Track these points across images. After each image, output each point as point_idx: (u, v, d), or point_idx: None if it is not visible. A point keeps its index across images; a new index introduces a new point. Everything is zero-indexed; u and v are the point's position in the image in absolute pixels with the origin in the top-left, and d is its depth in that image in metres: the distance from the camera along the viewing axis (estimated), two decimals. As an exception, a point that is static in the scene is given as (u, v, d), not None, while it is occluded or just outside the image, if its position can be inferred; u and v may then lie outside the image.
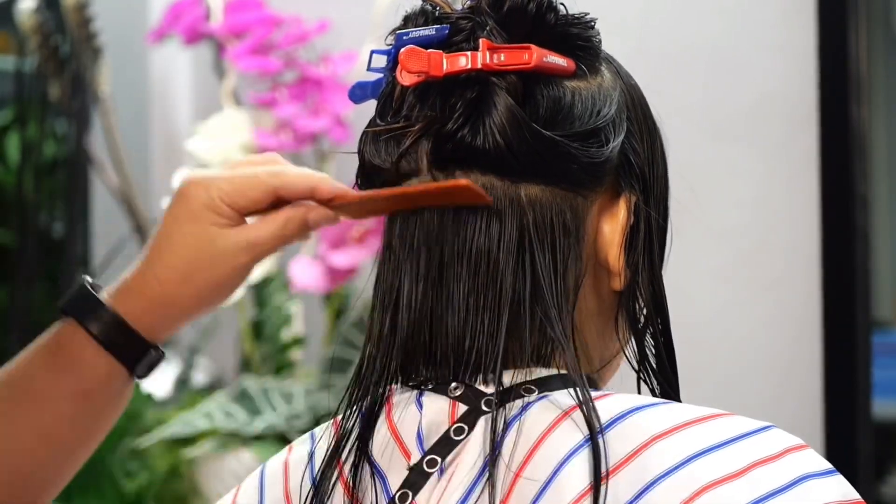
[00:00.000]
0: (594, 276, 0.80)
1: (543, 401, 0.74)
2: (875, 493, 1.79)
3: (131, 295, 0.83)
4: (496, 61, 0.75)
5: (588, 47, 0.80)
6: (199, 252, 0.82)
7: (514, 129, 0.75)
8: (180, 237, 0.82)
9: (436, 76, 0.75)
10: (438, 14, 0.79)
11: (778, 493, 0.66)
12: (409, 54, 0.75)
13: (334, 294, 1.85)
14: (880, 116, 2.01)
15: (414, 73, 0.75)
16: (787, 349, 1.64)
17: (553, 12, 0.78)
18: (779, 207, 1.66)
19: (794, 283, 1.64)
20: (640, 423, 0.71)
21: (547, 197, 0.76)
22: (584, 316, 0.79)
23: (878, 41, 1.99)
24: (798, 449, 0.69)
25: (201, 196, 0.81)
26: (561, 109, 0.77)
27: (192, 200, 0.82)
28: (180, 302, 0.83)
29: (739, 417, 0.71)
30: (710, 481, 0.67)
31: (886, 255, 2.06)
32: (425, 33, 0.77)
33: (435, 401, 0.76)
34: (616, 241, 0.79)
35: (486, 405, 0.75)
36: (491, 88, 0.75)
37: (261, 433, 1.75)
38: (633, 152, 0.81)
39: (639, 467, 0.69)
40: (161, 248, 0.83)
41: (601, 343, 0.81)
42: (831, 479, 0.68)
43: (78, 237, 2.32)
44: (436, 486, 0.73)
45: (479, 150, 0.75)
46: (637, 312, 0.81)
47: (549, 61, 0.76)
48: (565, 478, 0.69)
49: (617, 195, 0.80)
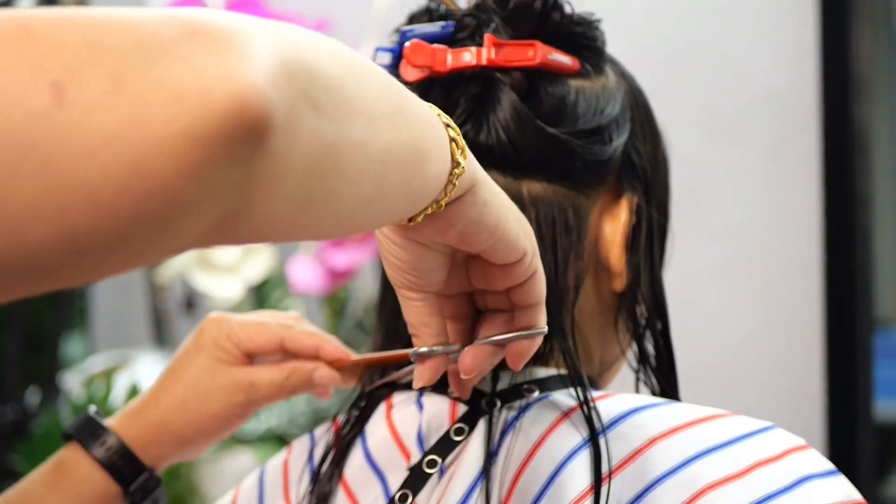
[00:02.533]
0: (595, 276, 0.79)
1: (544, 401, 0.74)
2: (876, 493, 1.79)
3: (133, 417, 0.87)
4: (501, 58, 0.75)
5: (593, 46, 0.80)
6: (198, 382, 0.86)
7: (518, 125, 0.75)
8: (186, 365, 0.87)
9: (440, 71, 0.75)
10: (443, 11, 0.79)
11: (780, 494, 0.66)
12: (413, 49, 0.75)
13: (334, 295, 1.84)
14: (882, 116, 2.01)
15: (418, 67, 0.75)
16: (788, 349, 1.64)
17: (558, 11, 0.78)
18: (779, 207, 1.66)
19: (794, 283, 1.64)
20: (641, 423, 0.70)
21: (549, 194, 0.76)
22: (585, 316, 0.79)
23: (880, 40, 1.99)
24: (800, 449, 0.69)
25: (213, 331, 0.87)
26: (565, 107, 0.77)
27: (204, 334, 0.87)
28: (173, 428, 0.86)
29: (741, 417, 0.71)
30: (712, 482, 0.67)
31: (887, 254, 2.06)
32: (430, 30, 0.77)
33: (435, 401, 0.76)
34: (617, 241, 0.79)
35: (487, 405, 0.74)
36: (495, 84, 0.75)
37: (260, 434, 1.75)
38: (635, 153, 0.81)
39: (640, 467, 0.68)
40: (168, 374, 0.87)
41: (602, 343, 0.81)
42: (833, 479, 0.68)
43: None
44: (436, 486, 0.73)
45: (482, 145, 0.75)
46: (637, 313, 0.80)
47: (553, 59, 0.76)
48: (566, 478, 0.69)
49: (619, 196, 0.80)
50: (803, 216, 1.63)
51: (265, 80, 0.44)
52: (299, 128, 0.46)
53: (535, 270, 0.68)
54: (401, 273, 0.67)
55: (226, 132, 0.42)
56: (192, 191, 0.42)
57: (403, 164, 0.56)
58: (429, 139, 0.58)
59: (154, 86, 0.41)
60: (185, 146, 0.41)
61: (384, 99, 0.54)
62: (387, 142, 0.53)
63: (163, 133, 0.41)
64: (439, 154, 0.59)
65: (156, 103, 0.41)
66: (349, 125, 0.50)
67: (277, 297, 1.90)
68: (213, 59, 0.43)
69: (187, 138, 0.41)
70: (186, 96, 0.42)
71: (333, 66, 0.49)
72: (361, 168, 0.52)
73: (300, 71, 0.47)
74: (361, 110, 0.51)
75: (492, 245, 0.65)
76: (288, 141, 0.46)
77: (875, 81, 1.69)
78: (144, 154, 0.41)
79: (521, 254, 0.66)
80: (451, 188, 0.60)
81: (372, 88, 0.53)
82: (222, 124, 0.42)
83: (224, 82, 0.42)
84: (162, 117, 0.41)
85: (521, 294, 0.68)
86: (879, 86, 1.96)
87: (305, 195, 0.49)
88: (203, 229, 0.45)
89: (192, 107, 0.42)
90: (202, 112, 0.42)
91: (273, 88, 0.44)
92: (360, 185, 0.52)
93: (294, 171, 0.47)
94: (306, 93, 0.47)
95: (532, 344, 0.70)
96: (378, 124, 0.53)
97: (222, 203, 0.44)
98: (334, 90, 0.49)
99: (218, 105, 0.42)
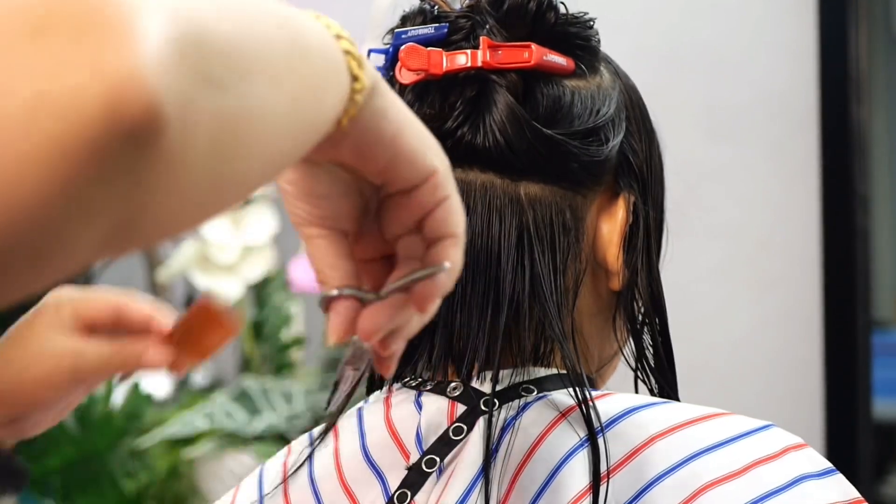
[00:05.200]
0: (593, 276, 0.79)
1: (542, 400, 0.74)
2: (875, 493, 1.80)
3: None
4: (496, 59, 0.75)
5: (587, 47, 0.80)
6: (29, 344, 0.82)
7: (515, 126, 0.75)
8: (22, 329, 0.83)
9: (435, 74, 0.75)
10: (437, 13, 0.79)
11: (778, 492, 0.66)
12: (408, 52, 0.75)
13: (334, 294, 1.84)
14: (880, 116, 2.01)
15: (413, 70, 0.75)
16: (787, 349, 1.64)
17: (553, 11, 0.78)
18: (779, 207, 1.66)
19: (794, 283, 1.64)
20: (639, 422, 0.71)
21: (546, 195, 0.76)
22: (583, 315, 0.79)
23: (879, 41, 1.99)
24: (798, 448, 0.69)
25: (50, 300, 0.83)
26: (561, 108, 0.77)
27: (46, 302, 0.83)
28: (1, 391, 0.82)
29: (739, 416, 0.71)
30: (710, 480, 0.67)
31: (886, 255, 2.06)
32: (424, 32, 0.77)
33: (434, 401, 0.76)
34: (615, 240, 0.79)
35: (485, 405, 0.74)
36: (491, 86, 0.75)
37: (261, 433, 1.75)
38: (631, 152, 0.81)
39: (638, 467, 0.69)
40: (4, 338, 0.84)
41: (600, 343, 0.81)
42: (831, 478, 0.68)
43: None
44: (434, 485, 0.73)
45: (479, 147, 0.75)
46: (636, 312, 0.80)
47: (548, 60, 0.76)
48: (564, 478, 0.69)
49: (615, 195, 0.80)
50: (803, 216, 1.63)
51: (151, 69, 0.37)
52: (195, 114, 0.40)
53: (447, 196, 0.59)
54: (297, 203, 0.60)
55: (102, 140, 0.36)
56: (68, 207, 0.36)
57: (305, 108, 0.49)
58: (328, 65, 0.51)
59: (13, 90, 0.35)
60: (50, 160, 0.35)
61: (278, 45, 0.47)
62: (289, 93, 0.47)
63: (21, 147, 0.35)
64: (337, 77, 0.52)
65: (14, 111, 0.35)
66: (249, 92, 0.44)
67: (277, 297, 1.91)
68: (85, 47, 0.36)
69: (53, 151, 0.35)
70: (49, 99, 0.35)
71: (225, 27, 0.42)
72: (268, 134, 0.46)
73: (192, 45, 0.40)
74: (260, 69, 0.44)
75: (391, 160, 0.57)
76: (182, 132, 0.39)
77: (874, 81, 1.69)
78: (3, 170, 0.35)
79: (429, 170, 0.58)
80: (353, 105, 0.54)
81: (266, 37, 0.46)
82: (96, 131, 0.36)
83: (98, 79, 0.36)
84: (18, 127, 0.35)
85: (432, 223, 0.59)
86: (878, 86, 1.96)
87: (209, 182, 0.43)
88: (95, 242, 0.39)
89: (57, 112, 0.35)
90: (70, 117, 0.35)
91: (160, 74, 0.37)
92: (267, 151, 0.47)
93: (193, 162, 0.41)
94: (200, 69, 0.40)
95: (436, 285, 0.60)
96: (279, 78, 0.46)
97: (110, 214, 0.38)
98: (228, 55, 0.42)
99: (90, 109, 0.36)
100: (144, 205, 0.40)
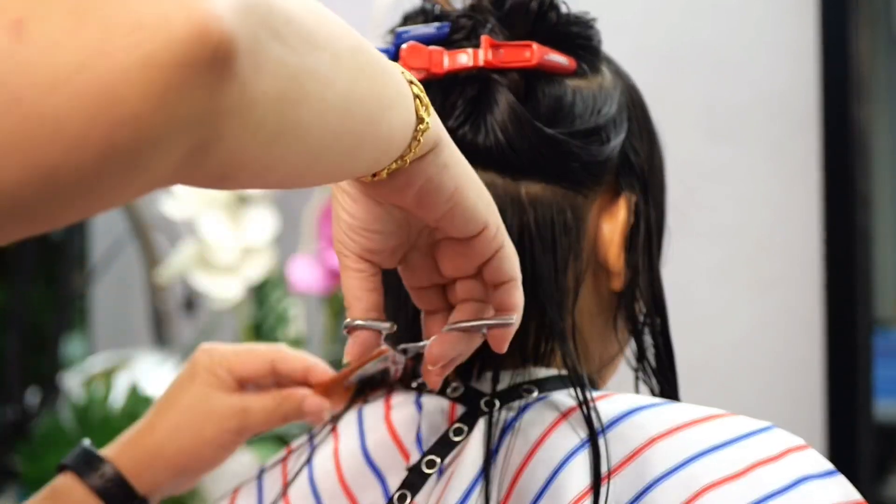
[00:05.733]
0: (594, 276, 0.79)
1: (543, 401, 0.74)
2: (876, 494, 1.79)
3: (128, 446, 0.87)
4: (498, 59, 0.75)
5: (589, 46, 0.80)
6: (192, 409, 0.86)
7: (516, 126, 0.75)
8: (180, 393, 0.87)
9: (437, 73, 0.75)
10: (439, 12, 0.79)
11: (779, 494, 0.66)
12: (410, 51, 0.75)
13: (334, 294, 1.84)
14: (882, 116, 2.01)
15: (415, 69, 0.75)
16: (788, 349, 1.64)
17: (555, 11, 0.78)
18: (779, 207, 1.66)
19: (794, 283, 1.64)
20: (640, 423, 0.70)
21: (547, 195, 0.76)
22: (584, 316, 0.79)
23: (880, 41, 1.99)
24: (799, 449, 0.69)
25: (204, 360, 0.87)
26: (562, 107, 0.77)
27: (196, 363, 0.88)
28: (167, 454, 0.86)
29: (740, 417, 0.71)
30: (711, 482, 0.67)
31: (887, 254, 2.06)
32: (426, 31, 0.77)
33: (434, 401, 0.76)
34: (616, 240, 0.79)
35: (486, 405, 0.74)
36: (492, 86, 0.75)
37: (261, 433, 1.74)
38: (633, 152, 0.81)
39: (639, 468, 0.68)
40: (163, 403, 0.88)
41: (601, 343, 0.81)
42: (832, 479, 0.68)
43: (76, 237, 2.31)
44: (434, 486, 0.73)
45: (480, 147, 0.75)
46: (636, 312, 0.80)
47: (550, 59, 0.76)
48: (565, 479, 0.69)
49: (616, 195, 0.80)
50: (803, 216, 1.63)
51: (224, 7, 0.44)
52: (264, 55, 0.47)
53: (501, 245, 0.67)
54: (350, 233, 0.67)
55: (188, 57, 0.42)
56: (160, 118, 0.42)
57: (368, 108, 0.56)
58: (391, 88, 0.58)
59: (115, 16, 0.41)
60: (149, 73, 0.41)
61: (344, 40, 0.54)
62: (350, 79, 0.53)
63: (126, 61, 0.41)
64: (403, 106, 0.58)
65: (117, 33, 0.41)
66: (313, 58, 0.50)
67: (277, 297, 1.90)
68: None
69: (150, 65, 0.41)
70: (146, 24, 0.41)
71: (291, 3, 0.50)
72: (328, 101, 0.52)
73: (259, 4, 0.46)
74: (323, 46, 0.51)
75: (449, 211, 0.64)
76: (253, 67, 0.46)
77: (875, 81, 1.69)
78: (110, 83, 0.41)
79: (482, 225, 0.66)
80: (416, 144, 0.60)
81: (332, 27, 0.53)
82: (184, 49, 0.42)
83: (185, 9, 0.42)
84: (124, 46, 0.41)
85: (491, 271, 0.68)
86: (879, 86, 1.96)
87: (275, 124, 0.49)
88: (175, 161, 0.45)
89: (153, 34, 0.42)
90: (163, 38, 0.42)
91: (233, 15, 0.44)
92: (327, 118, 0.52)
93: (262, 98, 0.47)
94: (267, 23, 0.47)
95: (509, 329, 0.69)
96: (341, 62, 0.53)
97: (192, 131, 0.44)
98: (294, 24, 0.49)
99: (178, 30, 0.42)
100: (219, 130, 0.46)
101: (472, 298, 0.70)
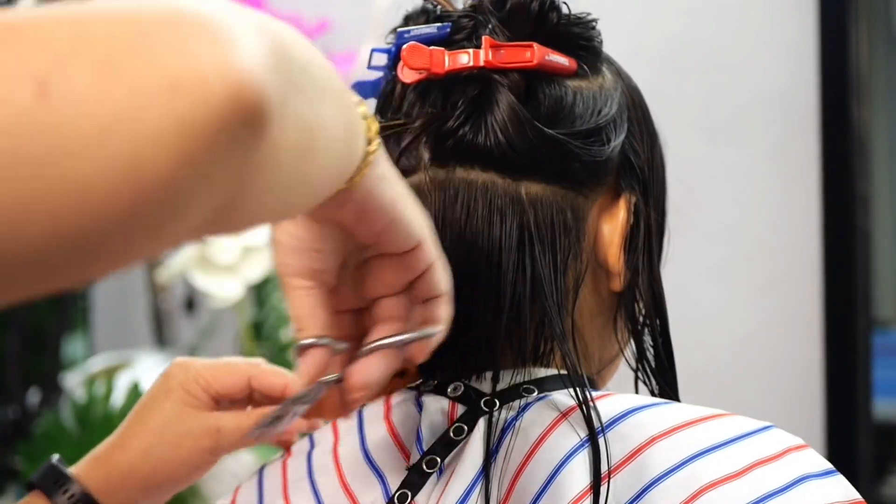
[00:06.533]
0: (594, 277, 0.79)
1: (543, 401, 0.74)
2: (876, 494, 1.80)
3: (99, 463, 0.85)
4: (498, 59, 0.75)
5: (590, 47, 0.80)
6: (165, 427, 0.84)
7: (516, 126, 0.75)
8: (153, 411, 0.84)
9: (437, 73, 0.75)
10: (440, 13, 0.79)
11: (778, 494, 0.66)
12: (411, 51, 0.75)
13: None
14: (881, 116, 2.01)
15: (416, 69, 0.75)
16: (788, 349, 1.64)
17: (555, 11, 0.78)
18: (779, 207, 1.66)
19: (794, 283, 1.64)
20: (639, 423, 0.71)
21: (548, 195, 0.76)
22: (584, 316, 0.79)
23: (879, 41, 1.99)
24: (798, 449, 0.69)
25: (179, 375, 0.85)
26: (563, 108, 0.77)
27: (170, 379, 0.85)
28: (140, 475, 0.84)
29: (739, 417, 0.71)
30: (710, 481, 0.67)
31: (887, 255, 2.06)
32: (427, 31, 0.77)
33: (434, 401, 0.76)
34: (616, 241, 0.79)
35: (486, 405, 0.74)
36: (493, 86, 0.75)
37: (261, 433, 1.74)
38: (633, 153, 0.81)
39: (638, 467, 0.69)
40: (135, 419, 0.85)
41: (601, 343, 0.81)
42: (832, 479, 0.68)
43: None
44: (435, 486, 0.73)
45: (480, 147, 0.75)
46: (636, 313, 0.80)
47: (551, 60, 0.76)
48: (565, 478, 0.69)
49: (617, 196, 0.80)
50: (803, 216, 1.63)
51: (259, 66, 0.42)
52: (289, 111, 0.46)
53: (434, 259, 0.66)
54: (295, 255, 0.65)
55: (225, 119, 0.41)
56: (191, 182, 0.41)
57: (352, 146, 0.56)
58: (357, 116, 0.57)
59: (146, 74, 0.39)
60: (182, 136, 0.39)
61: (334, 80, 0.53)
62: (345, 119, 0.54)
63: (157, 124, 0.39)
64: (360, 131, 0.58)
65: (149, 92, 0.39)
66: (321, 105, 0.50)
67: (277, 297, 1.90)
68: (206, 44, 0.41)
69: (185, 128, 0.39)
70: (182, 84, 0.39)
71: (302, 50, 0.49)
72: (329, 147, 0.52)
73: (284, 55, 0.46)
74: (328, 89, 0.51)
75: (389, 224, 0.63)
76: (280, 122, 0.45)
77: (874, 82, 1.69)
78: (140, 147, 0.39)
79: (418, 240, 0.65)
80: (366, 165, 0.59)
81: (327, 70, 0.52)
82: (222, 111, 0.40)
83: (220, 68, 0.40)
84: (157, 106, 0.39)
85: (424, 285, 0.67)
86: (879, 86, 1.96)
87: (291, 178, 0.48)
88: (200, 220, 0.43)
89: (190, 94, 0.39)
90: (200, 99, 0.40)
91: (265, 71, 0.43)
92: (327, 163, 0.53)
93: (285, 153, 0.46)
94: (291, 75, 0.46)
95: (430, 342, 0.68)
96: (339, 102, 0.53)
97: (221, 192, 0.43)
98: (308, 72, 0.48)
99: (216, 91, 0.40)
100: (245, 189, 0.45)
101: (394, 316, 0.68)
